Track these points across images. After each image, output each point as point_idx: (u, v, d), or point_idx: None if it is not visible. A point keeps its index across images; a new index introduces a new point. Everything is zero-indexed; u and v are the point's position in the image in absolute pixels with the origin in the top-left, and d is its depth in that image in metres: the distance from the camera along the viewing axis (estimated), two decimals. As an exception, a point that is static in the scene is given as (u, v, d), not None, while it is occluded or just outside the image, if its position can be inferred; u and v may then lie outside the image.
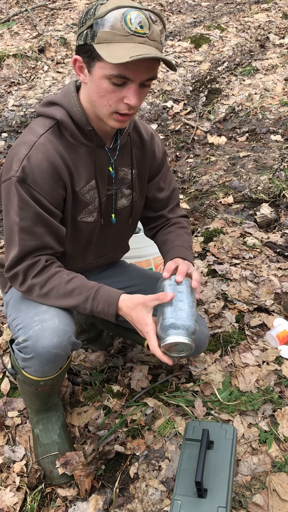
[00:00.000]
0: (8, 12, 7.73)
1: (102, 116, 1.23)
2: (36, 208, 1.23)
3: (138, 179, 1.46)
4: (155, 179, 1.51)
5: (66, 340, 1.26)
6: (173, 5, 7.66)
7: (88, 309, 1.26)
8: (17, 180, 1.21)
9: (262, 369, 1.76)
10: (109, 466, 1.52)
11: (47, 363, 1.27)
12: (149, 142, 1.46)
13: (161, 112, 4.55)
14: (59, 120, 1.26)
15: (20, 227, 1.24)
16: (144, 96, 1.21)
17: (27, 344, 1.24)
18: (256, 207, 2.86)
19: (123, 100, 1.16)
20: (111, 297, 1.26)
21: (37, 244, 1.27)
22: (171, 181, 1.57)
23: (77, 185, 1.31)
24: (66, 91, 1.30)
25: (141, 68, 1.12)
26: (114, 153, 1.36)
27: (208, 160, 3.57)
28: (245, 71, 4.85)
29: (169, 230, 1.55)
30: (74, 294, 1.27)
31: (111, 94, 1.16)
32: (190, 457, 1.37)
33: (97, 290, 1.27)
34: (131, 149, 1.40)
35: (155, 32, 1.13)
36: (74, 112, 1.26)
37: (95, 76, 1.16)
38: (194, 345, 1.19)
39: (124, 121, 1.22)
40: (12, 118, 4.64)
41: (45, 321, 1.24)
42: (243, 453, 1.50)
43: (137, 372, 1.78)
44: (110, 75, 1.12)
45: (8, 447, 1.59)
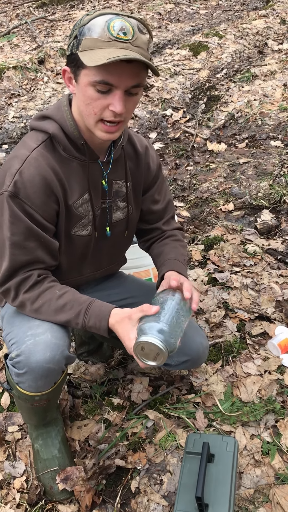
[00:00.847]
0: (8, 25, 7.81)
1: (89, 127, 1.22)
2: (28, 222, 1.23)
3: (133, 192, 1.45)
4: (150, 192, 1.50)
5: (59, 354, 1.24)
6: (172, 13, 7.70)
7: (80, 324, 1.25)
8: (9, 195, 1.21)
9: (264, 379, 1.74)
10: (110, 480, 1.50)
11: (41, 378, 1.25)
12: (144, 155, 1.45)
13: (161, 120, 4.56)
14: (51, 134, 1.26)
15: (11, 242, 1.24)
16: (132, 105, 1.19)
17: (20, 359, 1.23)
18: (256, 214, 2.85)
19: (108, 108, 1.15)
20: (102, 312, 1.25)
21: (29, 258, 1.27)
22: (166, 194, 1.56)
23: (70, 198, 1.30)
24: (59, 104, 1.30)
25: (125, 73, 1.11)
26: (108, 166, 1.36)
27: (208, 168, 3.57)
28: (244, 77, 4.86)
29: (164, 243, 1.54)
30: (66, 309, 1.26)
31: (96, 102, 1.15)
32: (190, 471, 1.35)
33: (89, 305, 1.26)
34: (125, 162, 1.40)
35: (139, 39, 1.12)
36: (66, 126, 1.26)
37: (81, 84, 1.16)
38: (166, 354, 1.13)
39: (111, 132, 1.20)
40: (13, 130, 4.66)
41: (37, 335, 1.23)
42: (245, 465, 1.48)
43: (138, 384, 1.76)
44: (94, 82, 1.12)
45: (8, 463, 1.58)
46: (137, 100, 1.21)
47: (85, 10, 8.19)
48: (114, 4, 8.26)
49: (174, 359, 1.51)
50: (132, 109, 1.21)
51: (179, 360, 1.51)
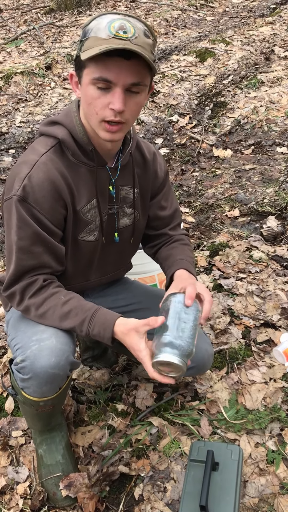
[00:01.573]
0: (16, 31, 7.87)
1: (93, 127, 1.21)
2: (35, 227, 1.23)
3: (140, 198, 1.45)
4: (157, 198, 1.50)
5: (64, 360, 1.24)
6: (179, 20, 7.74)
7: (84, 331, 1.25)
8: (18, 199, 1.21)
9: (269, 387, 1.73)
10: (113, 487, 1.49)
11: (45, 383, 1.25)
12: (152, 161, 1.46)
13: (167, 126, 4.57)
14: (60, 140, 1.27)
15: (18, 246, 1.24)
16: (134, 106, 1.17)
17: (25, 364, 1.23)
18: (262, 220, 2.85)
19: (108, 106, 1.14)
20: (107, 321, 1.24)
21: (35, 263, 1.27)
22: (172, 201, 1.56)
23: (78, 204, 1.31)
24: (68, 110, 1.30)
25: (123, 70, 1.10)
26: (115, 172, 1.36)
27: (214, 173, 3.57)
28: (250, 84, 4.86)
29: (172, 246, 1.53)
30: (71, 316, 1.25)
31: (97, 101, 1.15)
32: (194, 479, 1.34)
33: (94, 313, 1.25)
34: (133, 169, 1.40)
35: (141, 39, 1.10)
36: (75, 131, 1.26)
37: (83, 85, 1.16)
38: (185, 369, 1.15)
39: (113, 132, 1.19)
40: (20, 135, 4.68)
41: (42, 340, 1.23)
42: (250, 474, 1.47)
43: (142, 390, 1.76)
44: (93, 79, 1.12)
45: (12, 468, 1.57)
46: (140, 101, 1.19)
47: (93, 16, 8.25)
48: (122, 11, 8.31)
49: None
50: (135, 110, 1.19)
51: None
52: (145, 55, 1.08)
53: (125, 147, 1.36)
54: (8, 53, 7.00)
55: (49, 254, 1.29)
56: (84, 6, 8.73)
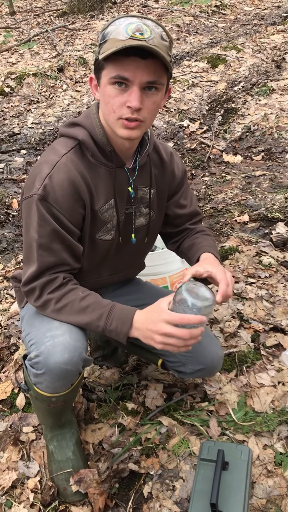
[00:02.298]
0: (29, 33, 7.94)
1: (111, 125, 1.24)
2: (55, 225, 1.26)
3: (157, 198, 1.48)
4: (175, 197, 1.54)
5: (77, 356, 1.26)
6: (190, 26, 7.79)
7: (101, 326, 1.27)
8: (39, 198, 1.24)
9: (278, 390, 1.75)
10: (122, 484, 1.51)
11: (58, 379, 1.28)
12: (169, 162, 1.49)
13: (177, 131, 4.61)
14: (81, 141, 1.30)
15: (38, 243, 1.27)
16: (151, 104, 1.20)
17: (38, 359, 1.26)
18: (271, 226, 2.86)
19: (126, 105, 1.18)
20: (125, 315, 1.26)
21: (55, 260, 1.30)
22: (192, 199, 1.59)
23: (97, 204, 1.34)
24: (89, 112, 1.34)
25: (140, 69, 1.14)
26: (133, 173, 1.39)
27: (224, 179, 3.59)
28: (261, 91, 4.90)
29: (195, 236, 1.56)
30: (88, 311, 1.27)
31: (114, 99, 1.18)
32: (204, 478, 1.36)
33: (112, 307, 1.28)
34: (150, 169, 1.43)
35: (157, 40, 1.13)
36: (95, 133, 1.29)
37: (102, 85, 1.20)
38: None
39: (131, 128, 1.21)
40: (31, 136, 4.73)
41: (56, 337, 1.26)
42: (258, 475, 1.48)
43: (152, 390, 1.78)
44: (111, 78, 1.16)
45: (23, 463, 1.60)
46: (157, 101, 1.22)
47: (105, 20, 8.32)
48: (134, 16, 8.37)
49: (189, 367, 1.52)
50: (152, 109, 1.22)
51: (194, 368, 1.52)
52: (160, 53, 1.11)
53: (143, 148, 1.40)
54: (20, 54, 7.07)
55: (67, 252, 1.32)
56: (97, 10, 8.81)
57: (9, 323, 2.25)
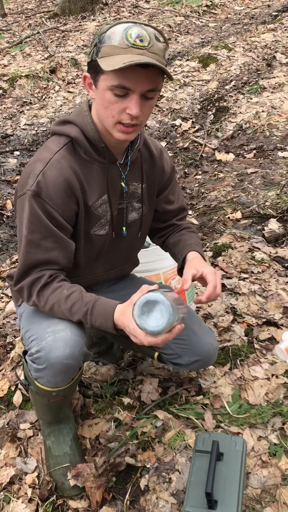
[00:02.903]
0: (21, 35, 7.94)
1: (107, 128, 1.27)
2: (47, 222, 1.27)
3: (147, 193, 1.51)
4: (164, 193, 1.56)
5: (78, 351, 1.29)
6: (181, 26, 7.82)
7: (89, 323, 1.29)
8: (32, 194, 1.26)
9: (271, 382, 1.77)
10: (119, 478, 1.53)
11: (59, 373, 1.30)
12: (159, 157, 1.51)
13: (170, 130, 4.63)
14: (73, 138, 1.32)
15: (27, 239, 1.28)
16: (148, 109, 1.24)
17: (40, 354, 1.28)
18: (264, 223, 2.90)
19: (125, 111, 1.21)
20: (107, 311, 1.27)
21: (43, 258, 1.30)
22: (179, 195, 1.62)
23: (90, 199, 1.36)
24: (80, 110, 1.35)
25: (141, 78, 1.16)
26: (125, 168, 1.41)
27: (216, 177, 3.62)
28: (252, 89, 4.93)
29: (181, 233, 1.60)
30: (74, 310, 1.29)
31: (114, 105, 1.21)
32: (200, 469, 1.38)
33: (93, 304, 1.28)
34: (141, 165, 1.45)
35: (155, 46, 1.17)
36: (87, 130, 1.31)
37: (100, 89, 1.22)
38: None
39: (128, 133, 1.25)
40: (24, 137, 4.74)
41: (57, 332, 1.28)
42: (253, 466, 1.51)
43: (147, 385, 1.80)
44: (112, 86, 1.18)
45: (20, 459, 1.61)
46: (153, 104, 1.26)
47: (96, 21, 8.34)
48: (125, 16, 8.40)
49: (185, 359, 1.54)
50: (148, 113, 1.26)
51: (190, 360, 1.55)
52: (161, 65, 1.15)
53: (134, 144, 1.42)
54: (12, 56, 7.07)
55: (59, 250, 1.32)
56: (88, 11, 8.83)
57: (5, 322, 2.26)
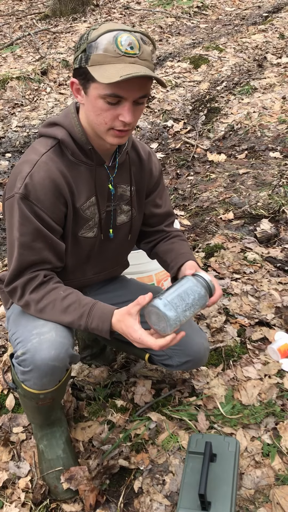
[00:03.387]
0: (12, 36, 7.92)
1: (100, 134, 1.28)
2: (37, 223, 1.27)
3: (136, 196, 1.51)
4: (152, 196, 1.56)
5: (64, 353, 1.28)
6: (172, 27, 7.83)
7: (83, 325, 1.29)
8: (20, 197, 1.26)
9: (264, 383, 1.77)
10: (113, 480, 1.53)
11: (46, 375, 1.29)
12: (147, 160, 1.51)
13: (162, 131, 4.63)
14: (60, 140, 1.31)
15: (19, 242, 1.28)
16: (139, 113, 1.26)
17: (25, 357, 1.27)
18: (256, 223, 2.90)
19: (118, 118, 1.22)
20: (105, 314, 1.28)
21: (36, 259, 1.31)
22: (166, 199, 1.62)
23: (78, 201, 1.35)
24: (67, 112, 1.35)
25: (133, 86, 1.17)
26: (113, 170, 1.41)
27: (208, 178, 3.63)
28: (243, 90, 4.95)
29: (172, 241, 1.60)
30: (69, 311, 1.29)
31: (106, 113, 1.21)
32: (193, 470, 1.38)
33: (92, 306, 1.30)
34: (130, 167, 1.45)
35: (145, 52, 1.18)
36: (74, 132, 1.31)
37: (91, 96, 1.22)
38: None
39: (121, 137, 1.27)
40: (16, 139, 4.72)
41: (42, 334, 1.28)
42: (246, 467, 1.51)
43: (141, 386, 1.80)
44: (105, 95, 1.18)
45: (13, 463, 1.60)
46: (143, 108, 1.28)
47: (88, 23, 8.33)
48: (116, 18, 8.40)
49: (176, 359, 1.54)
50: (139, 116, 1.28)
51: (181, 361, 1.54)
52: (156, 75, 1.16)
53: (121, 146, 1.42)
54: (3, 58, 7.05)
55: (49, 250, 1.33)
56: (79, 12, 8.82)
57: (-3, 325, 2.25)
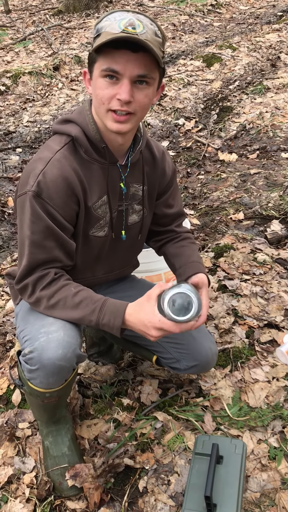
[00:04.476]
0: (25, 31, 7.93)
1: (101, 118, 1.25)
2: (48, 222, 1.26)
3: (148, 195, 1.50)
4: (165, 196, 1.55)
5: (71, 353, 1.27)
6: (186, 25, 7.80)
7: (94, 321, 1.27)
8: (32, 195, 1.25)
9: (272, 385, 1.76)
10: (118, 479, 1.52)
11: (52, 374, 1.28)
12: (160, 160, 1.50)
13: (173, 129, 4.62)
14: (74, 137, 1.30)
15: (30, 240, 1.28)
16: (143, 98, 1.21)
17: (32, 355, 1.27)
18: (266, 224, 2.88)
19: (116, 97, 1.19)
20: (117, 309, 1.27)
21: (47, 257, 1.30)
22: (178, 200, 1.61)
23: (90, 200, 1.34)
24: (82, 109, 1.34)
25: (130, 62, 1.15)
26: (126, 169, 1.40)
27: (219, 177, 3.61)
28: (256, 89, 4.91)
29: (181, 244, 1.58)
30: (81, 307, 1.28)
31: (104, 91, 1.19)
32: (199, 472, 1.37)
33: (104, 302, 1.29)
34: (143, 166, 1.44)
35: (149, 35, 1.14)
36: (88, 130, 1.30)
37: (94, 79, 1.21)
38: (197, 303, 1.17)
39: (120, 122, 1.22)
40: (27, 134, 4.73)
41: (50, 333, 1.26)
42: (252, 469, 1.50)
43: (147, 386, 1.79)
44: (102, 70, 1.17)
45: (18, 459, 1.61)
46: (148, 94, 1.22)
47: (101, 19, 8.32)
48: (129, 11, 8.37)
49: (183, 363, 1.53)
50: (144, 103, 1.22)
51: (188, 365, 1.53)
52: (151, 47, 1.11)
53: (136, 145, 1.41)
54: (16, 53, 7.06)
55: (60, 249, 1.32)
56: (92, 8, 8.81)
57: (5, 320, 2.26)
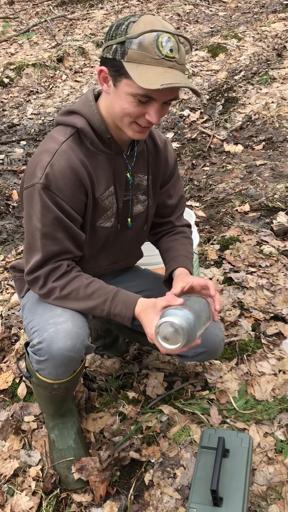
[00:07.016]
0: (28, 23, 7.87)
1: (121, 126, 1.26)
2: (58, 213, 1.26)
3: (152, 185, 1.49)
4: (167, 186, 1.54)
5: (80, 343, 1.28)
6: (191, 15, 7.72)
7: (106, 310, 1.29)
8: (41, 187, 1.24)
9: (278, 378, 1.75)
10: (124, 472, 1.52)
11: (61, 365, 1.29)
12: (163, 149, 1.49)
13: (178, 120, 4.58)
14: (79, 128, 1.29)
15: (42, 232, 1.27)
16: (164, 112, 1.25)
17: (41, 346, 1.27)
18: (272, 216, 2.85)
19: (144, 116, 1.21)
20: (129, 299, 1.29)
21: (59, 248, 1.30)
22: (179, 189, 1.60)
23: (97, 191, 1.34)
24: (85, 100, 1.32)
25: (167, 91, 1.17)
26: (131, 160, 1.39)
27: (225, 168, 3.58)
28: (262, 80, 4.86)
29: (174, 238, 1.58)
30: (93, 297, 1.30)
31: (134, 109, 1.20)
32: (205, 465, 1.36)
33: (116, 292, 1.31)
34: (147, 156, 1.43)
35: (182, 56, 1.17)
36: (93, 121, 1.29)
37: (120, 91, 1.19)
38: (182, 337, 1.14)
39: (142, 132, 1.26)
40: (31, 127, 4.71)
41: (59, 324, 1.27)
42: (258, 463, 1.49)
43: (153, 379, 1.78)
44: (137, 94, 1.17)
45: (24, 452, 1.61)
46: (169, 108, 1.28)
47: (104, 9, 8.24)
48: (133, 5, 8.29)
49: (191, 350, 1.53)
50: (164, 115, 1.28)
51: (196, 351, 1.53)
52: (193, 86, 1.15)
53: None
54: (19, 45, 7.02)
55: (70, 240, 1.32)
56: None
57: (10, 313, 2.25)
